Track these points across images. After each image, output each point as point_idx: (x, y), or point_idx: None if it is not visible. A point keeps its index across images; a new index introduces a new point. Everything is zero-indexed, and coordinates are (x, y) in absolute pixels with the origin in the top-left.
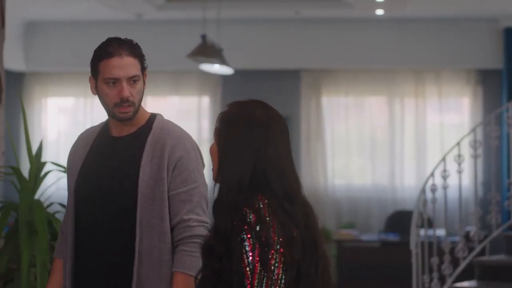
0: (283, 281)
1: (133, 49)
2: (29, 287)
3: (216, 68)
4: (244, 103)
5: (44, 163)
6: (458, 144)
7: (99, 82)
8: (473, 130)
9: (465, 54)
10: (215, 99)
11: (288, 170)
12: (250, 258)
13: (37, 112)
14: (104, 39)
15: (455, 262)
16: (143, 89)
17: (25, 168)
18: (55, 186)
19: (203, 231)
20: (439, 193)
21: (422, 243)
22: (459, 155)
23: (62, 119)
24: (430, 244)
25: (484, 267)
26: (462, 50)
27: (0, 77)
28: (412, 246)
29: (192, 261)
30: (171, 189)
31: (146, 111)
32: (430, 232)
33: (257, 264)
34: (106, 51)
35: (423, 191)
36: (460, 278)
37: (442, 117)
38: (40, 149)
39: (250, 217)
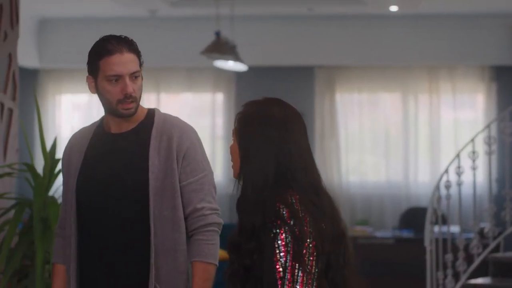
0: (316, 273)
1: (131, 46)
2: (43, 283)
3: (230, 65)
4: (261, 102)
5: (58, 160)
6: (472, 140)
7: (99, 80)
8: (488, 126)
9: (479, 50)
10: (229, 96)
11: (310, 165)
12: (282, 253)
13: (51, 109)
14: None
15: (469, 259)
16: (142, 84)
17: (39, 165)
18: None
19: (217, 218)
20: (453, 190)
21: (436, 240)
22: (473, 152)
23: (76, 116)
24: (444, 240)
25: (498, 264)
26: (476, 47)
27: (14, 74)
28: (426, 242)
29: (210, 249)
30: (182, 179)
31: (142, 107)
32: (444, 228)
33: (290, 258)
34: (106, 48)
35: (437, 187)
36: (474, 275)
37: (456, 113)
38: (54, 146)
39: (283, 212)
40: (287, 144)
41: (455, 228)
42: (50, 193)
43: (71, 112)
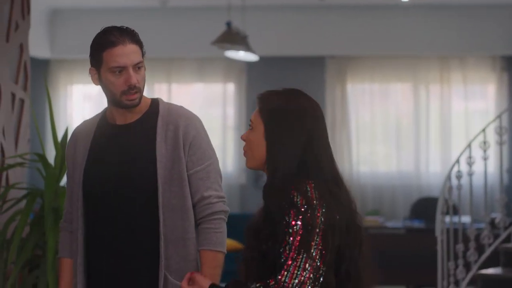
0: (319, 263)
1: (134, 37)
2: (54, 273)
3: (241, 55)
4: (284, 92)
5: None
6: (483, 130)
7: (102, 72)
8: (499, 116)
9: (490, 40)
10: (240, 86)
11: (332, 155)
12: (291, 238)
13: (63, 99)
14: (129, 26)
15: (480, 249)
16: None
17: (50, 155)
18: None
19: (223, 206)
20: (465, 180)
21: (448, 230)
22: (485, 142)
23: (87, 106)
24: (456, 231)
25: (509, 254)
26: (488, 36)
27: (26, 64)
28: (437, 233)
29: (218, 237)
30: (189, 168)
31: (146, 97)
32: (455, 219)
33: (297, 244)
34: (108, 40)
35: (448, 177)
36: (485, 265)
37: (467, 103)
38: (65, 136)
39: (298, 199)
40: (313, 134)
41: (466, 218)
42: (61, 183)
43: (82, 102)
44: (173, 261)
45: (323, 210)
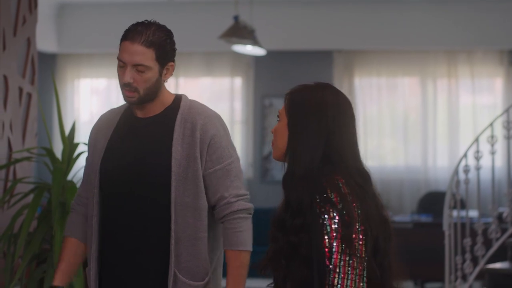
0: (366, 257)
1: (152, 39)
2: None
3: (249, 49)
4: (313, 86)
5: (77, 144)
6: (491, 125)
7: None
8: (506, 110)
9: (498, 34)
10: (248, 80)
11: (357, 151)
12: (332, 239)
13: (70, 94)
14: (135, 21)
15: (487, 243)
16: (157, 78)
17: (58, 149)
18: None
19: (243, 204)
20: (472, 174)
21: (455, 224)
22: (492, 136)
23: (95, 100)
24: (463, 225)
25: None
26: (495, 30)
27: (33, 58)
28: (445, 227)
29: (238, 236)
30: (208, 167)
31: (170, 93)
32: (463, 213)
33: (338, 242)
34: (126, 32)
35: (456, 172)
36: (493, 259)
37: (474, 97)
38: (73, 130)
39: (332, 196)
40: (336, 127)
41: (473, 213)
42: (69, 177)
43: (89, 96)
44: (183, 259)
45: (358, 204)
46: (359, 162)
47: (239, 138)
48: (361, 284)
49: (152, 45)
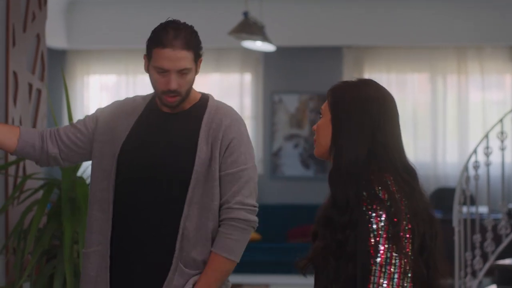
0: (412, 256)
1: (189, 41)
2: (71, 264)
3: (258, 45)
4: (356, 82)
5: None
6: (500, 121)
7: (150, 66)
8: None
9: (507, 30)
10: (257, 76)
11: (402, 147)
12: (378, 237)
13: (79, 90)
14: (145, 17)
15: (497, 239)
16: (194, 77)
17: None
18: None
19: (245, 214)
20: (482, 170)
21: (465, 221)
22: (502, 132)
23: (104, 96)
24: (473, 221)
25: None
26: (505, 26)
27: (43, 54)
28: (455, 223)
29: (227, 243)
30: (222, 169)
31: (196, 91)
32: (473, 209)
33: (384, 241)
34: (160, 39)
35: (465, 168)
36: (503, 255)
37: (484, 94)
38: None
39: (380, 194)
40: (380, 122)
41: (483, 209)
42: (78, 173)
43: (99, 92)
44: (192, 258)
45: (406, 201)
46: (405, 158)
47: (249, 134)
48: (406, 283)
49: (190, 46)
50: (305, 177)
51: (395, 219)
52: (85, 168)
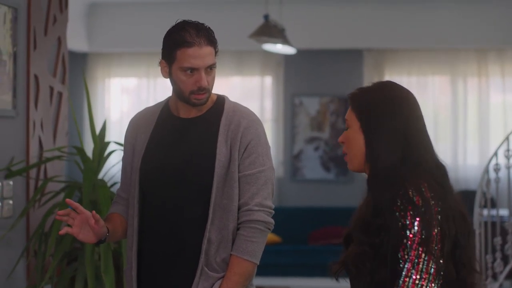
0: (441, 260)
1: (210, 37)
2: (92, 266)
3: (279, 48)
4: (375, 84)
5: (108, 143)
6: None
7: (174, 69)
8: None
9: None
10: (278, 79)
11: (432, 146)
12: (410, 241)
13: (100, 93)
14: (166, 20)
15: None
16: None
17: (89, 148)
18: (118, 166)
19: (264, 216)
20: (503, 173)
21: (485, 223)
22: None
23: (125, 99)
24: (493, 224)
25: None
26: None
27: (64, 57)
28: (475, 226)
29: (248, 246)
30: (240, 170)
31: (212, 93)
32: (493, 212)
33: (416, 246)
34: (184, 39)
35: (486, 170)
36: None
37: (505, 96)
38: (103, 129)
39: (414, 199)
40: (410, 122)
41: (504, 212)
42: (100, 176)
43: (120, 95)
44: (213, 261)
45: (439, 205)
46: (435, 155)
47: (270, 137)
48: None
49: (212, 42)
50: (325, 179)
51: (428, 226)
52: (107, 171)
